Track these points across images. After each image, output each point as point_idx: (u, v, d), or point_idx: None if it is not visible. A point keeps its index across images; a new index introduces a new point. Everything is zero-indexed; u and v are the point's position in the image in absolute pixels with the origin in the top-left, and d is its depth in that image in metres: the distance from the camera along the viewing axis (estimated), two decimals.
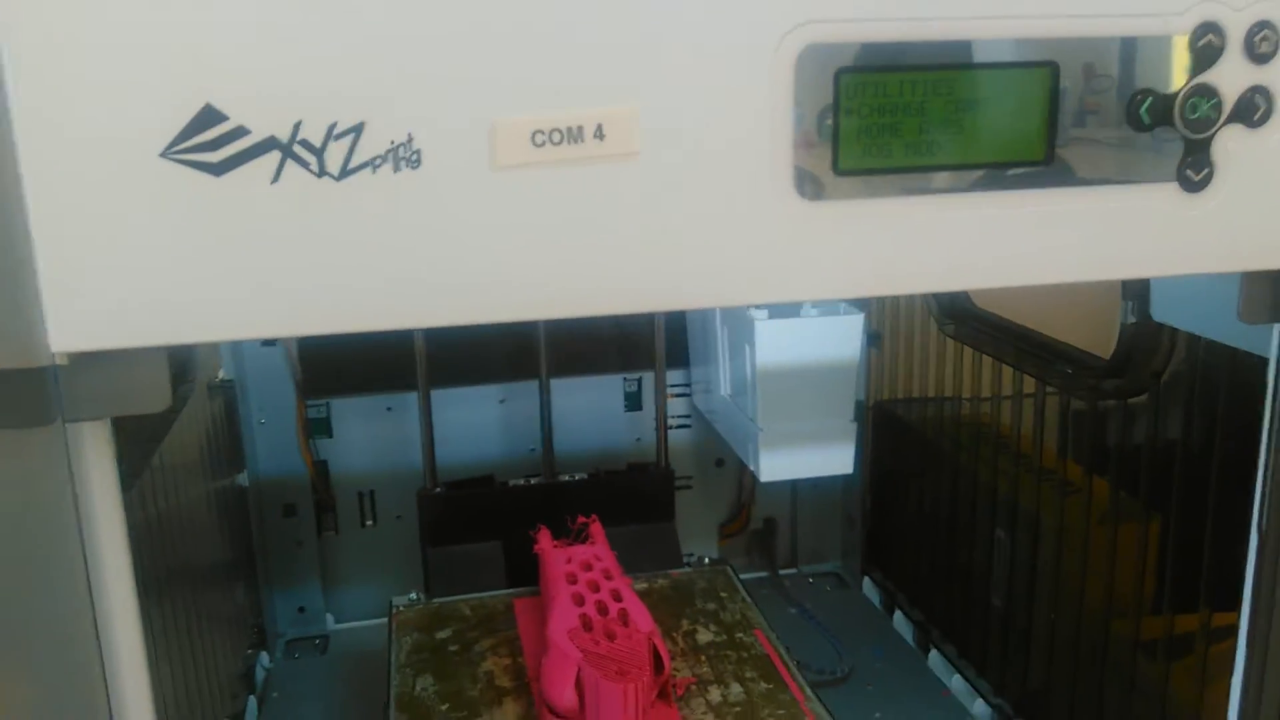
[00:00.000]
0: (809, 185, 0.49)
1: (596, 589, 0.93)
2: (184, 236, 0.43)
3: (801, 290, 0.50)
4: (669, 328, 1.27)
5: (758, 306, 1.06)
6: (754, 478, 1.40)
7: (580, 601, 0.91)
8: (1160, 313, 0.78)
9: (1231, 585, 0.73)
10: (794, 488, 1.44)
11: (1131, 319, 0.84)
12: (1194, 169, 0.52)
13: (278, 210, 0.43)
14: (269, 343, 1.20)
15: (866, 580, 1.40)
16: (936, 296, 1.17)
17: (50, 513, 0.46)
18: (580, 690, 0.82)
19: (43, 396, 0.44)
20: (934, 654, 1.22)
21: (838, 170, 0.49)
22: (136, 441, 0.81)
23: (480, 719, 0.87)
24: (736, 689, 0.92)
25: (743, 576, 1.15)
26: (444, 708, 0.89)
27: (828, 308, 1.10)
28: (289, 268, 0.44)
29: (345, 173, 0.43)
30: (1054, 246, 0.52)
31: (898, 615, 1.31)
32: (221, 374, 1.18)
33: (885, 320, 1.31)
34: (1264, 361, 0.62)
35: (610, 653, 0.83)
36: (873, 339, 1.33)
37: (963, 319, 1.13)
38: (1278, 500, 0.62)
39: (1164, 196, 0.52)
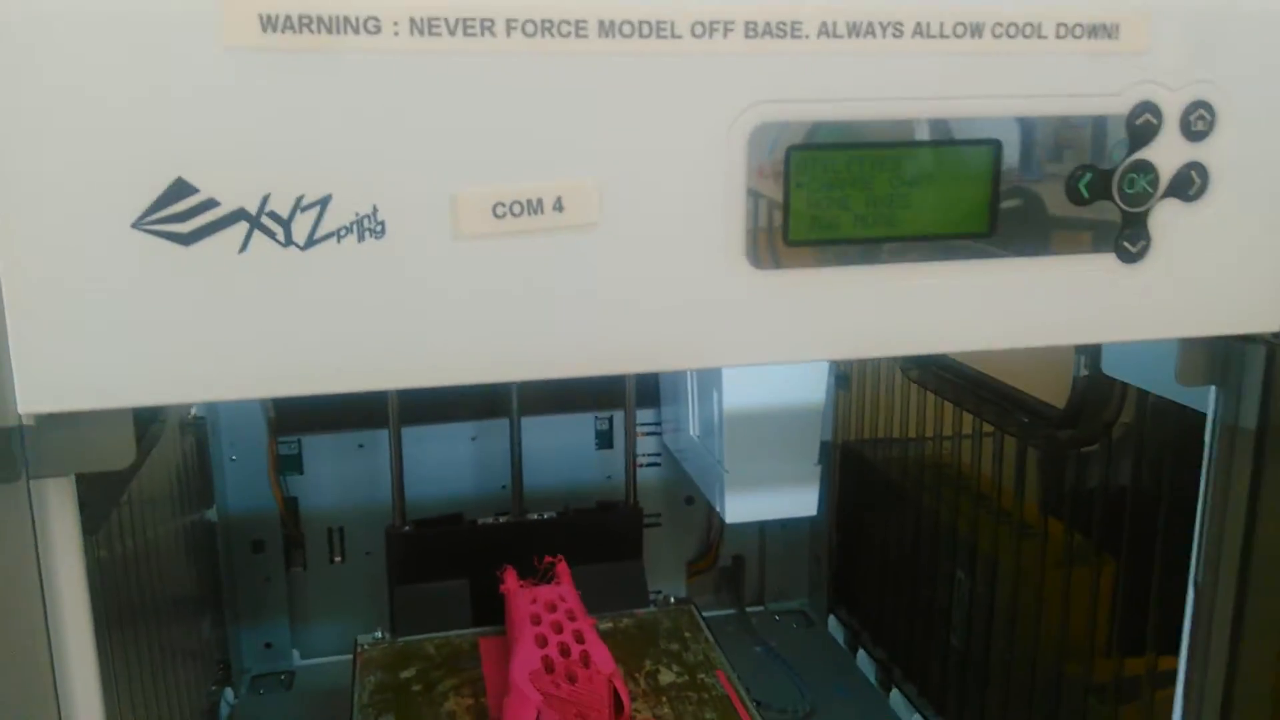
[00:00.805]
0: (761, 255, 0.51)
1: (560, 630, 0.95)
2: (152, 303, 0.44)
3: (754, 355, 0.52)
4: None
5: None
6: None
7: (543, 643, 0.92)
8: (1110, 367, 0.81)
9: (1176, 630, 0.75)
10: (762, 527, 1.45)
11: (1084, 371, 0.86)
12: (1131, 241, 0.55)
13: (244, 279, 0.44)
14: None
15: (832, 618, 1.41)
16: None
17: (12, 567, 0.47)
18: None
19: (8, 455, 0.45)
20: (895, 693, 1.23)
21: (788, 241, 0.51)
22: (104, 485, 0.82)
23: None
24: None
25: (710, 614, 1.16)
26: None
27: None
28: (255, 334, 0.45)
29: (311, 242, 0.45)
30: (997, 314, 0.54)
31: (861, 654, 1.32)
32: (194, 412, 1.18)
33: (853, 363, 1.33)
34: (1205, 417, 0.64)
35: (570, 695, 0.84)
36: (841, 380, 1.36)
37: (925, 365, 1.16)
38: (1214, 557, 0.64)
39: (1103, 267, 0.55)
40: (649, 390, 1.35)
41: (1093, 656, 0.92)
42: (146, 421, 0.96)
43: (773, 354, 0.53)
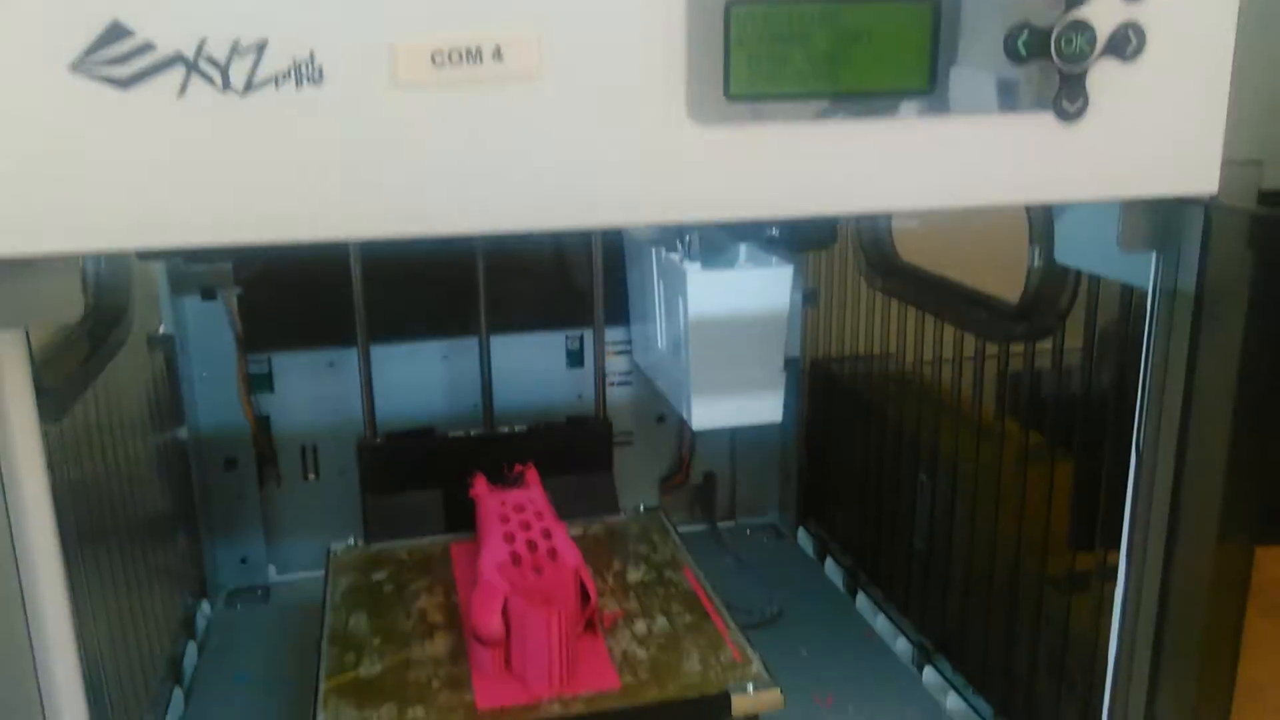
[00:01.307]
0: (702, 109, 0.51)
1: (528, 528, 0.96)
2: (93, 147, 0.44)
3: (696, 211, 0.53)
4: (609, 286, 1.29)
5: (690, 256, 1.09)
6: (694, 433, 1.44)
7: (511, 539, 0.93)
8: (1062, 255, 0.82)
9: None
10: (733, 443, 1.47)
11: (1038, 263, 0.87)
12: (1069, 99, 0.55)
13: (184, 123, 0.45)
14: (209, 296, 1.21)
15: (801, 531, 1.44)
16: (865, 253, 1.20)
17: None
18: (507, 620, 0.85)
19: None
20: (861, 597, 1.26)
21: (729, 96, 0.51)
22: (67, 377, 0.82)
23: (410, 650, 0.90)
24: (662, 622, 0.95)
25: (683, 530, 1.18)
26: (375, 641, 0.91)
27: (759, 259, 1.13)
28: (195, 179, 0.46)
29: (250, 88, 0.45)
30: (937, 172, 0.55)
31: (829, 563, 1.35)
32: (162, 329, 1.19)
33: (821, 277, 1.34)
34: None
35: (537, 585, 0.86)
36: (809, 297, 1.37)
37: (889, 273, 1.17)
38: (1154, 421, 0.66)
39: (1041, 126, 0.55)
40: (619, 309, 1.35)
41: (1047, 552, 0.94)
42: (110, 324, 0.97)
43: (715, 210, 0.53)
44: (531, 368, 1.35)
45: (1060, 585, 0.92)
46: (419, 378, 1.31)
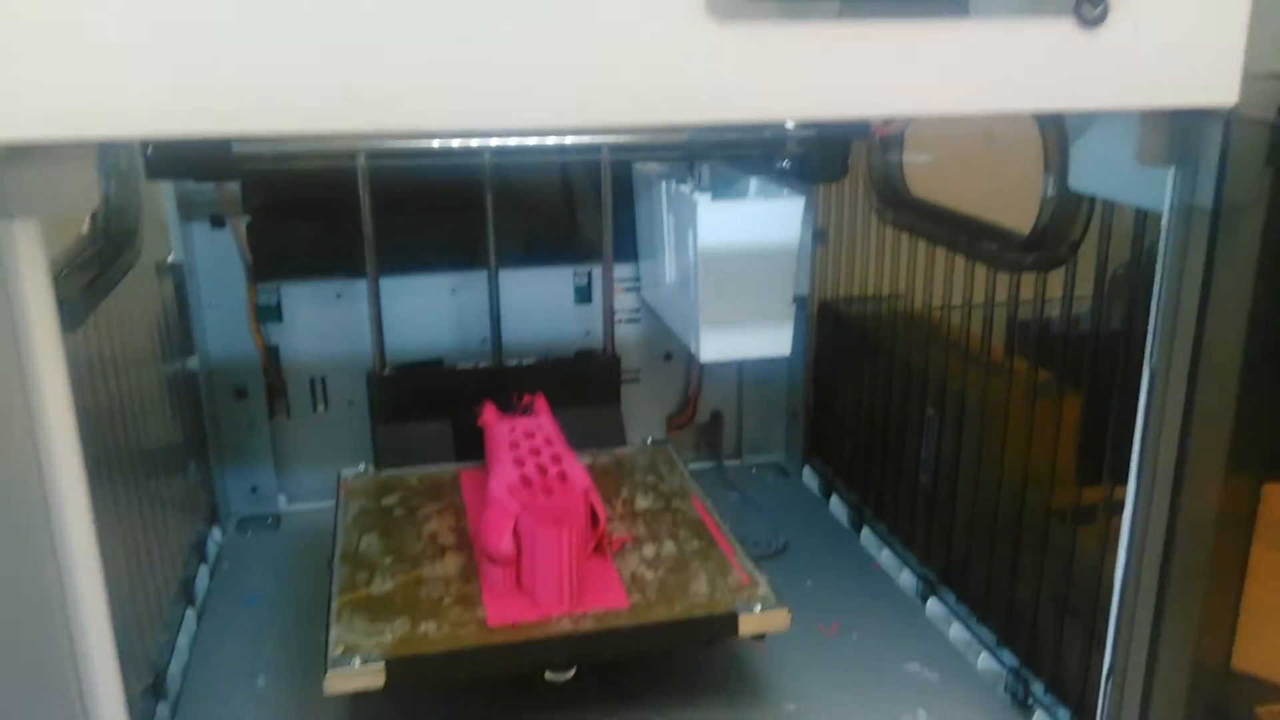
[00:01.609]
0: (719, 4, 0.51)
1: (537, 453, 0.97)
2: (100, 24, 0.44)
3: (712, 111, 0.53)
4: (617, 222, 1.29)
5: (700, 188, 1.08)
6: (701, 372, 1.45)
7: (520, 464, 0.94)
8: (1076, 181, 0.81)
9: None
10: (739, 383, 1.48)
11: (1051, 193, 0.87)
12: (1090, 3, 0.55)
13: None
14: (218, 224, 1.21)
15: (806, 469, 1.45)
16: (876, 188, 1.20)
17: None
18: (517, 539, 0.86)
19: None
20: (866, 532, 1.27)
21: None
22: (83, 288, 0.83)
23: (421, 570, 0.91)
24: (670, 547, 0.96)
25: (689, 467, 1.19)
26: (387, 561, 0.92)
27: (770, 192, 1.12)
28: (217, 62, 0.46)
29: None
30: (955, 75, 0.55)
31: (834, 499, 1.36)
32: (171, 257, 1.19)
33: (830, 216, 1.34)
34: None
35: (547, 506, 0.87)
36: (818, 236, 1.36)
37: (900, 207, 1.16)
38: (1168, 342, 0.66)
39: (1061, 31, 0.55)
40: (627, 245, 1.35)
41: (1053, 486, 0.94)
42: (119, 247, 0.97)
43: (732, 110, 0.53)
44: (539, 303, 1.35)
45: (1065, 518, 0.93)
46: (426, 311, 1.31)
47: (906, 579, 1.17)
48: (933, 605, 1.12)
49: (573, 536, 0.84)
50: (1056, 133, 0.84)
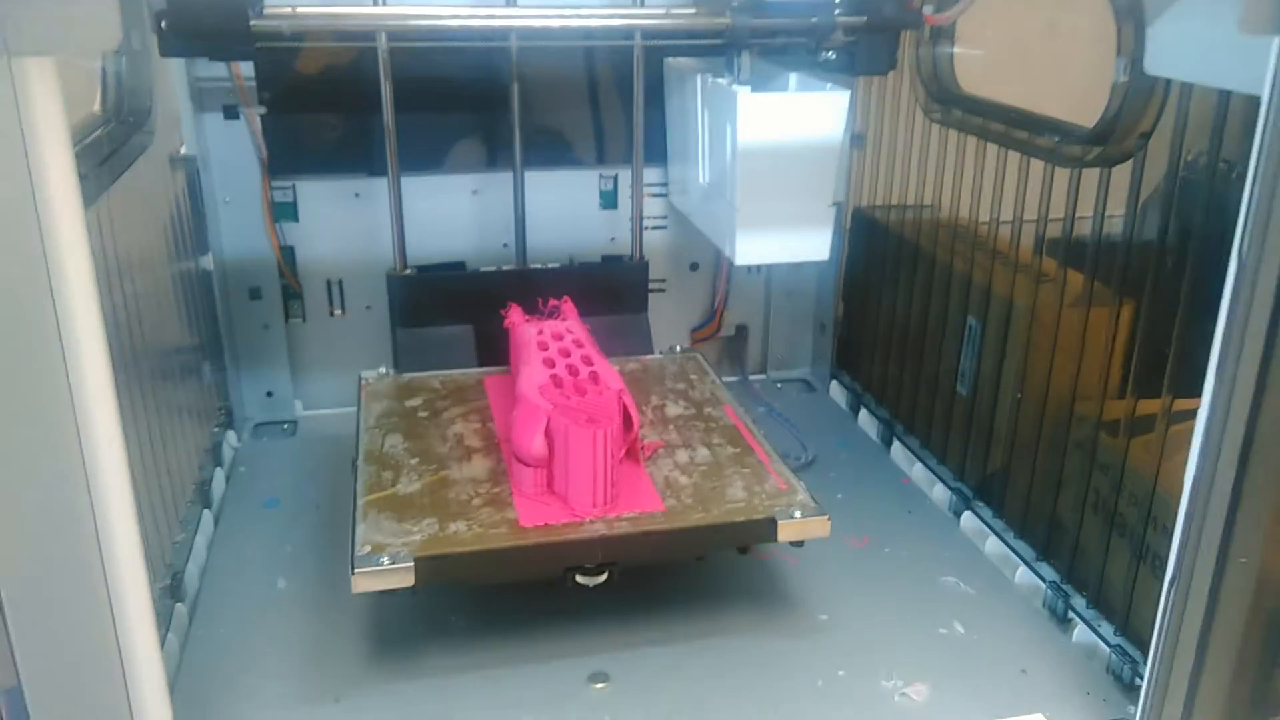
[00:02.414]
0: None
1: (567, 355, 0.93)
2: None
3: None
4: (645, 125, 1.23)
5: (740, 81, 1.03)
6: (728, 283, 1.40)
7: (551, 365, 0.90)
8: (1153, 64, 0.76)
9: (1196, 372, 0.73)
10: (766, 295, 1.43)
11: (1123, 77, 0.81)
12: None
13: None
14: (231, 116, 1.16)
15: (834, 384, 1.41)
16: (925, 84, 1.14)
17: None
18: (549, 440, 0.82)
19: None
20: (897, 447, 1.24)
21: None
22: (94, 171, 0.78)
23: (448, 471, 0.87)
24: (704, 453, 0.93)
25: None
26: (413, 461, 0.89)
27: (813, 85, 1.07)
28: None
29: None
30: None
31: (863, 414, 1.32)
32: (184, 149, 1.14)
33: (870, 117, 1.28)
34: (1257, 104, 0.60)
35: (580, 406, 0.83)
36: (856, 140, 1.31)
37: (950, 103, 1.11)
38: (1260, 228, 0.61)
39: None
40: (655, 149, 1.29)
41: (1105, 397, 0.90)
42: (131, 128, 0.92)
43: None
44: (563, 207, 1.30)
45: (1116, 430, 0.90)
46: (446, 213, 1.26)
47: (940, 493, 1.14)
48: (967, 519, 1.09)
49: (608, 437, 0.80)
50: (1133, 10, 0.79)
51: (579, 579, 0.81)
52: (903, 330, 1.24)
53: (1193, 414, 0.76)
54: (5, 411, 0.48)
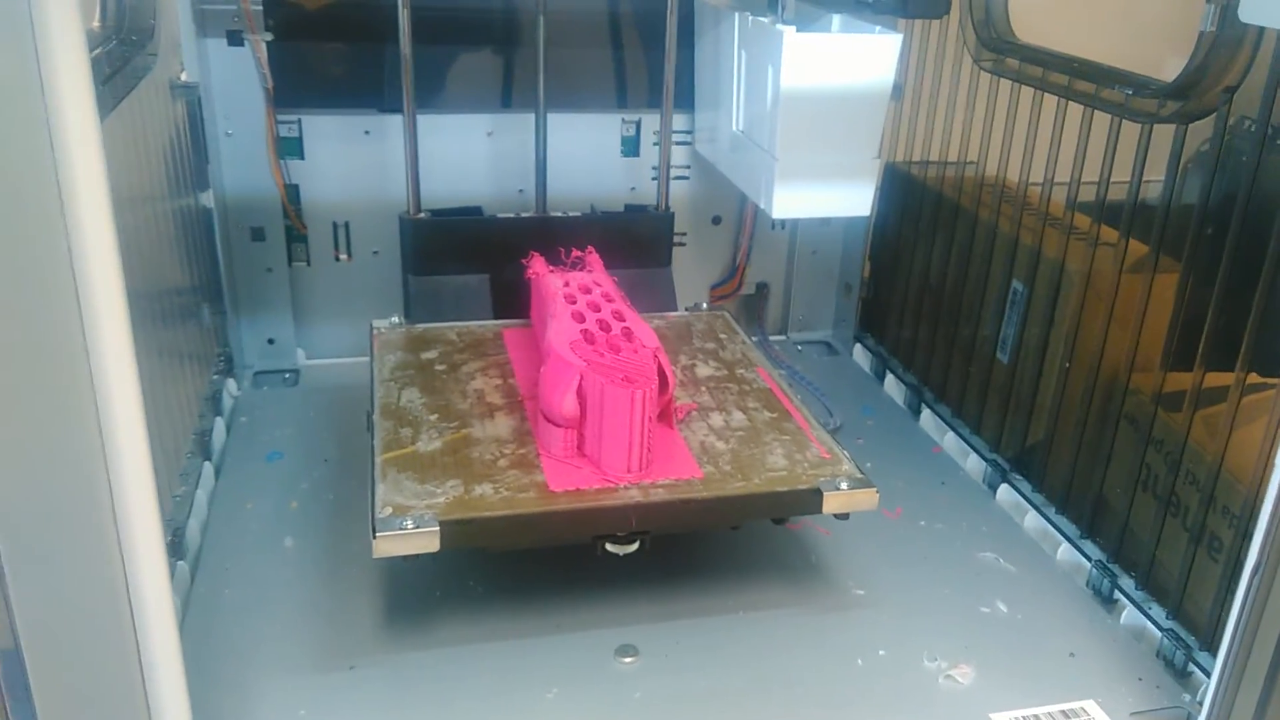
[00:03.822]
0: None
1: (597, 309, 0.87)
2: None
3: None
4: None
5: (783, 19, 0.96)
6: (751, 239, 1.34)
7: (580, 319, 0.85)
8: (1250, 12, 0.70)
9: (1272, 344, 0.68)
10: (791, 251, 1.38)
11: (1211, 27, 0.75)
12: None
13: None
14: (235, 42, 1.08)
15: (858, 348, 1.36)
16: (976, 28, 1.07)
17: (13, 74, 0.38)
18: (581, 400, 0.77)
19: None
20: (925, 414, 1.19)
21: None
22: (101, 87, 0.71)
23: (470, 429, 0.82)
24: (739, 416, 0.87)
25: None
26: (432, 417, 0.83)
27: (859, 26, 1.00)
28: None
29: None
30: None
31: (889, 379, 1.27)
32: (184, 75, 1.06)
33: (909, 65, 1.21)
34: None
35: (616, 364, 0.78)
36: (894, 90, 1.24)
37: (1004, 51, 1.04)
38: None
39: None
40: (682, 93, 1.22)
41: (1165, 369, 0.85)
42: (132, 48, 0.85)
43: None
44: (583, 153, 1.23)
45: (1173, 405, 0.85)
46: (460, 155, 1.19)
47: (974, 464, 1.09)
48: (1004, 493, 1.04)
49: (646, 397, 0.75)
50: None
51: (609, 547, 0.76)
52: (936, 293, 1.18)
53: (1261, 389, 0.71)
54: (12, 355, 0.43)
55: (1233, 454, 0.78)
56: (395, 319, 1.02)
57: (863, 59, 0.96)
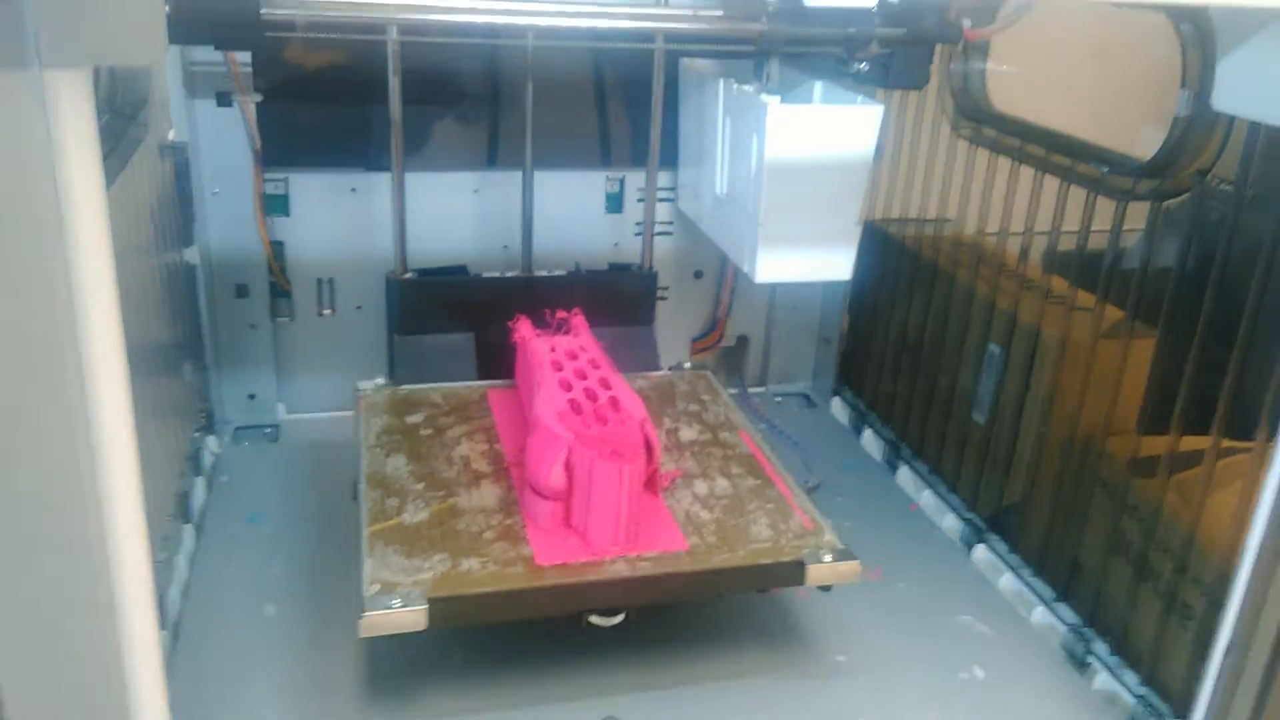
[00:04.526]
0: None
1: (584, 376, 0.88)
2: None
3: None
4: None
5: (769, 90, 0.98)
6: (733, 292, 1.36)
7: (567, 387, 0.86)
8: (1223, 100, 0.72)
9: (1247, 410, 0.70)
10: (770, 306, 1.39)
11: (1186, 111, 0.78)
12: None
13: None
14: (224, 103, 1.09)
15: (836, 401, 1.37)
16: (955, 97, 1.10)
17: (24, 167, 0.38)
18: (569, 472, 0.77)
19: (19, 36, 0.36)
20: (903, 471, 1.20)
21: None
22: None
23: (456, 498, 0.82)
24: (723, 484, 0.88)
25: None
26: (418, 486, 0.84)
27: (844, 98, 1.02)
28: None
29: None
30: None
31: (866, 434, 1.29)
32: (173, 135, 1.07)
33: (889, 130, 1.24)
34: None
35: (601, 436, 0.79)
36: (874, 152, 1.27)
37: (982, 120, 1.07)
38: None
39: None
40: (665, 152, 1.24)
41: (1138, 436, 0.87)
42: (126, 120, 0.85)
43: None
44: (567, 210, 1.24)
45: (1146, 471, 0.87)
46: (445, 212, 1.20)
47: (950, 523, 1.11)
48: (980, 552, 1.05)
49: (633, 473, 0.75)
50: (1201, 44, 0.75)
51: (594, 620, 0.77)
52: (914, 350, 1.20)
53: (1233, 453, 0.73)
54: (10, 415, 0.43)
55: (1205, 523, 0.80)
56: (380, 380, 1.03)
57: (845, 129, 0.98)
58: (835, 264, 1.03)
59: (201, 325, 1.14)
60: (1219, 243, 0.77)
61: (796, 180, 0.98)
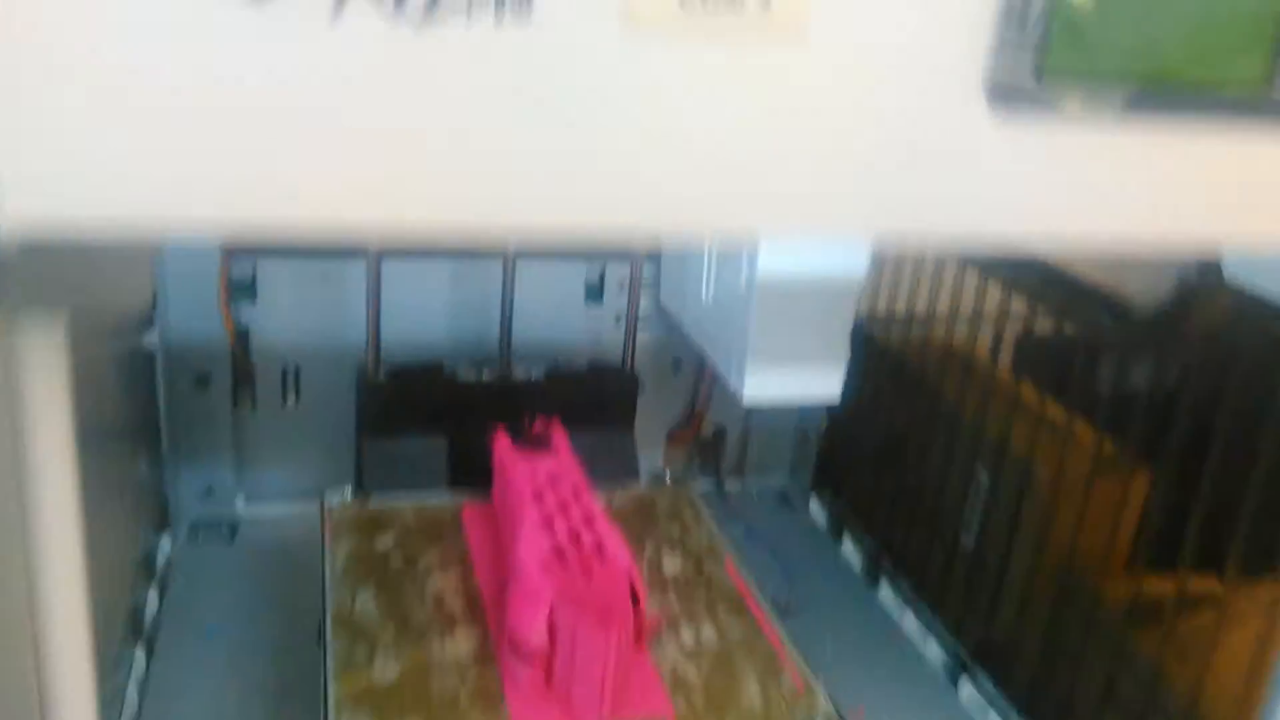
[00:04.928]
0: (1002, 93, 0.38)
1: (566, 509, 0.84)
2: (210, 82, 0.29)
3: (985, 221, 0.40)
4: None
5: None
6: (711, 385, 1.32)
7: (549, 526, 0.81)
8: (1240, 274, 0.71)
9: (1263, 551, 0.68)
10: None
11: (1193, 275, 0.76)
12: None
13: (335, 59, 0.30)
14: None
15: (814, 501, 1.34)
16: None
17: None
18: (552, 630, 0.73)
19: None
20: (885, 588, 1.17)
21: (1040, 74, 0.38)
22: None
23: (430, 648, 0.78)
24: (710, 632, 0.84)
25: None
26: (389, 631, 0.79)
27: None
28: (343, 139, 0.31)
29: (429, 18, 0.30)
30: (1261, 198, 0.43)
31: (846, 544, 1.26)
32: None
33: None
34: None
35: (587, 591, 0.74)
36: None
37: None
38: None
39: None
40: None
41: (1137, 573, 0.85)
42: None
43: (1009, 221, 0.40)
44: (545, 300, 1.20)
45: (1152, 614, 0.84)
46: (420, 300, 1.16)
47: (934, 651, 1.08)
48: (966, 687, 1.02)
49: (620, 638, 0.71)
50: None
51: None
52: (896, 458, 1.17)
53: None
54: None
55: (1206, 684, 0.78)
56: (348, 494, 0.98)
57: (836, 252, 0.95)
58: (824, 384, 1.01)
59: (158, 416, 1.08)
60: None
61: (787, 300, 0.95)
